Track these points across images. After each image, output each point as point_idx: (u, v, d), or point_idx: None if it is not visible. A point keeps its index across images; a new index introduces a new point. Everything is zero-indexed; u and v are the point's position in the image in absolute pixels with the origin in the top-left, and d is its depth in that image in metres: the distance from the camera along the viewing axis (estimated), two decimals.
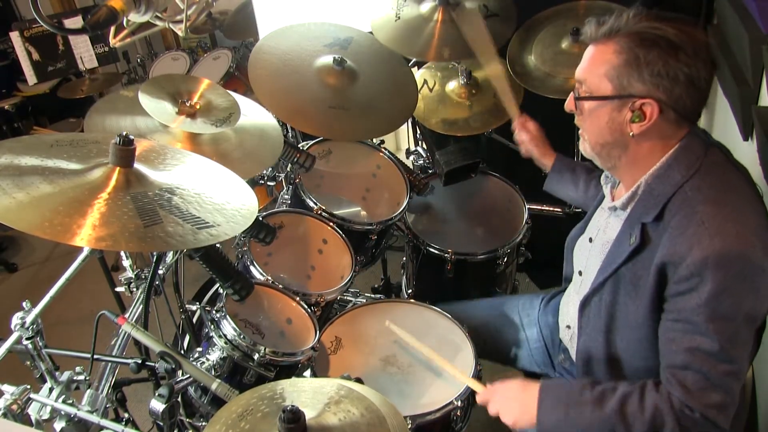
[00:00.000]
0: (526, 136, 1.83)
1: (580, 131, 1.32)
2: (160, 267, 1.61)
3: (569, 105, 1.29)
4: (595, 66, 1.21)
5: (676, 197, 1.18)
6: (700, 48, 1.14)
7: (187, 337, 1.75)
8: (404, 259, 2.28)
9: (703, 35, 1.16)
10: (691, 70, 1.13)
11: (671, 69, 1.13)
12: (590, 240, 1.46)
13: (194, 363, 1.37)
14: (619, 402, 1.19)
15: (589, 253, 1.45)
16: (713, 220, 1.12)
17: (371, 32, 2.08)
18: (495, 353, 1.77)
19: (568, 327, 1.53)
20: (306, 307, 1.64)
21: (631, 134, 1.19)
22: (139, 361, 1.31)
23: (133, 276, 1.68)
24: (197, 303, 1.72)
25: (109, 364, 1.56)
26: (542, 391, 1.30)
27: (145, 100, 1.52)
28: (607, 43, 1.18)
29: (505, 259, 2.00)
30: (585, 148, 1.31)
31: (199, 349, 1.53)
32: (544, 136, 1.84)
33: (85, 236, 1.01)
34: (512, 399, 1.35)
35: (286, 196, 1.99)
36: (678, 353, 1.15)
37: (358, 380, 1.30)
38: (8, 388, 1.28)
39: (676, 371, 1.16)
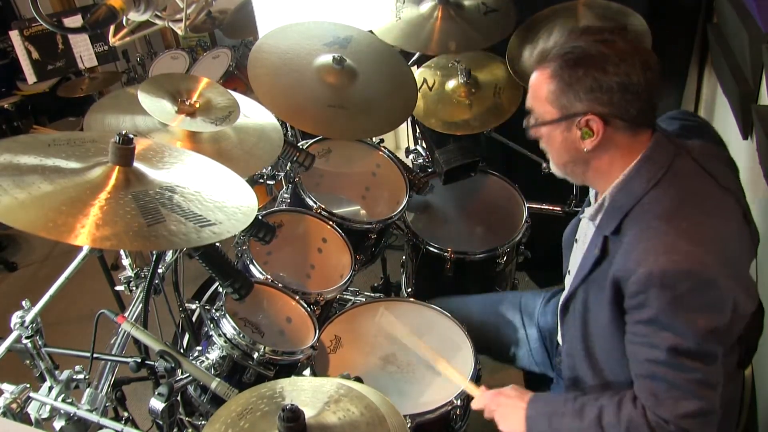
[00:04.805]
0: None
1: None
2: (160, 266, 1.60)
3: (529, 134, 1.31)
4: (537, 93, 1.24)
5: (634, 210, 1.19)
6: (625, 55, 1.15)
7: (187, 336, 1.75)
8: (404, 257, 2.29)
9: (626, 41, 1.17)
10: (621, 78, 1.14)
11: (602, 82, 1.15)
12: (576, 241, 1.48)
13: (194, 362, 1.37)
14: (597, 413, 1.23)
15: (575, 255, 1.47)
16: (665, 236, 1.13)
17: (371, 31, 2.08)
18: (494, 350, 1.77)
19: None
20: (305, 305, 1.64)
21: (585, 150, 1.21)
22: (139, 360, 1.31)
23: (133, 275, 1.68)
24: (197, 302, 1.73)
25: (109, 363, 1.56)
26: (530, 401, 1.36)
27: (145, 99, 1.51)
28: (542, 68, 1.22)
29: (505, 258, 2.00)
30: (553, 169, 1.35)
31: (199, 348, 1.53)
32: None
33: (88, 235, 1.01)
34: (505, 409, 1.40)
35: (286, 195, 1.99)
36: (642, 363, 1.17)
37: (358, 379, 1.30)
38: (8, 387, 1.28)
39: (644, 381, 1.17)
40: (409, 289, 2.22)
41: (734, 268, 1.14)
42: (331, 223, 1.85)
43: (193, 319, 1.73)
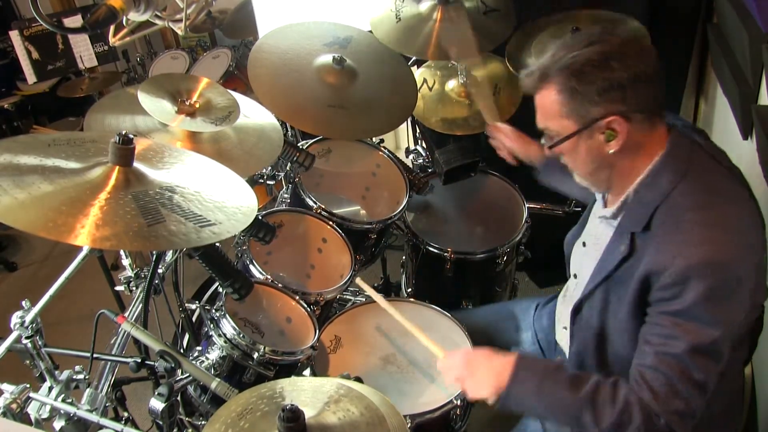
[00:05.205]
0: (502, 136, 1.87)
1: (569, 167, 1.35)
2: (160, 266, 1.61)
3: (549, 154, 1.31)
4: (549, 111, 1.24)
5: (663, 205, 1.19)
6: (623, 48, 1.16)
7: (187, 336, 1.75)
8: (404, 258, 2.29)
9: (617, 36, 1.18)
10: (629, 72, 1.15)
11: (612, 81, 1.15)
12: (584, 244, 1.47)
13: (194, 362, 1.37)
14: (592, 388, 1.20)
15: (583, 258, 1.46)
16: (699, 227, 1.13)
17: (371, 31, 2.08)
18: None
19: (565, 328, 1.54)
20: (305, 306, 1.64)
21: (611, 152, 1.21)
22: (139, 360, 1.31)
23: (133, 275, 1.68)
24: (197, 302, 1.73)
25: (109, 363, 1.56)
26: (519, 359, 1.30)
27: (145, 99, 1.52)
28: (546, 87, 1.22)
29: (505, 258, 2.00)
30: (578, 179, 1.35)
31: (199, 348, 1.53)
32: (518, 131, 1.86)
33: (88, 235, 1.01)
34: (480, 365, 1.34)
35: (286, 195, 1.99)
36: (650, 354, 1.17)
37: (358, 379, 1.30)
38: (8, 387, 1.28)
39: (645, 371, 1.17)
40: (409, 289, 2.22)
41: (754, 259, 1.16)
42: (331, 223, 1.85)
43: (193, 319, 1.73)
